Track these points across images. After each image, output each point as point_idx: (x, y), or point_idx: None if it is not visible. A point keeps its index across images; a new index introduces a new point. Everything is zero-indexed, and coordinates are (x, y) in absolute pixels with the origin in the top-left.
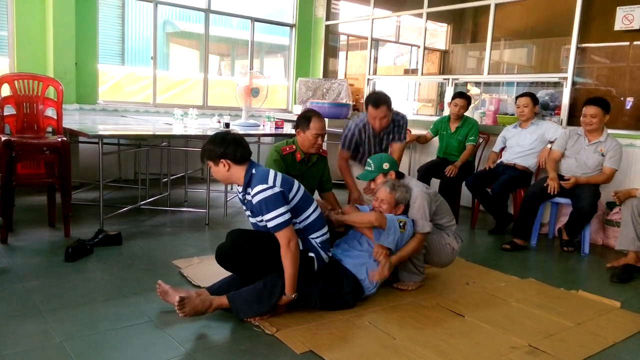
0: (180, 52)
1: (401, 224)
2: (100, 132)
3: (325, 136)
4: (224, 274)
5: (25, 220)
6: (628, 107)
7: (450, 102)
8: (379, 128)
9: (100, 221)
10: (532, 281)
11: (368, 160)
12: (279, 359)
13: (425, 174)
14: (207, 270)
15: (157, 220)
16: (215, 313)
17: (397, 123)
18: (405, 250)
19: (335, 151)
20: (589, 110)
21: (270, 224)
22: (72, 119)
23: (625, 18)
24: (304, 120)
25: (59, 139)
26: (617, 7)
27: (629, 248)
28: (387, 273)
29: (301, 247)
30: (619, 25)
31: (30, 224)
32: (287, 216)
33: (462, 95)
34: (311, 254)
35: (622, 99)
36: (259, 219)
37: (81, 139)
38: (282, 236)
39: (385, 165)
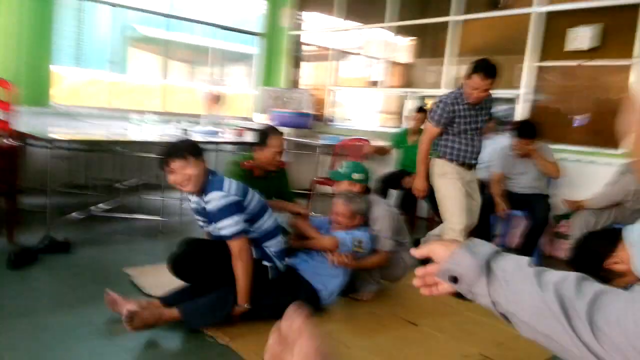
0: (141, 56)
1: (356, 243)
2: (51, 136)
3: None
4: (177, 282)
5: None
6: (577, 124)
7: (410, 116)
8: (476, 100)
9: (47, 228)
10: None
11: (345, 162)
12: None
13: (384, 185)
14: (160, 279)
15: (108, 228)
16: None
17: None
18: (365, 263)
19: (300, 160)
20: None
21: (223, 232)
22: (22, 121)
23: (575, 40)
24: (261, 137)
25: (7, 142)
26: (568, 29)
27: None
28: (346, 260)
29: (256, 256)
30: (570, 46)
31: None
32: (240, 225)
33: (420, 110)
34: (266, 263)
35: (569, 117)
36: (212, 227)
37: (31, 141)
38: (234, 245)
39: (355, 176)
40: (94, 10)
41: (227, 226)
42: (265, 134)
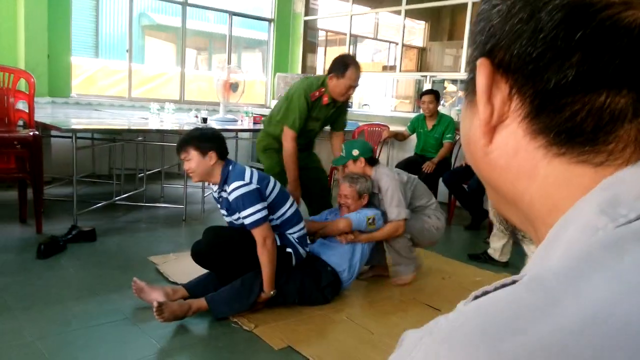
0: (156, 45)
1: (370, 220)
2: (74, 126)
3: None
4: (200, 270)
5: None
6: None
7: (419, 102)
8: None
9: (74, 217)
10: (507, 276)
11: (342, 145)
12: (257, 355)
13: (403, 170)
14: (184, 267)
15: (132, 216)
16: None
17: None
18: (376, 235)
19: (318, 147)
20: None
21: (247, 221)
22: (44, 113)
23: None
24: (340, 66)
25: (31, 133)
26: None
27: None
28: (354, 237)
29: (279, 243)
30: None
31: (1, 220)
32: (263, 213)
33: (427, 92)
34: (289, 250)
35: None
36: (235, 217)
37: (54, 133)
38: (258, 233)
39: (355, 152)
40: (110, 0)
41: (250, 215)
42: (346, 64)
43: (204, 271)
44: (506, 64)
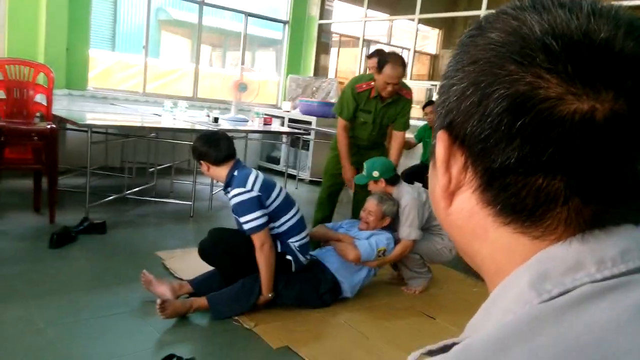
0: (172, 40)
1: (380, 253)
2: (89, 122)
3: (396, 84)
4: (206, 267)
5: (11, 203)
6: None
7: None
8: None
9: (86, 209)
10: None
11: (365, 162)
12: (255, 353)
13: (408, 178)
14: (190, 263)
15: (141, 210)
16: None
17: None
18: (387, 259)
19: (323, 150)
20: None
21: (245, 227)
22: (61, 105)
23: None
24: (381, 62)
25: (48, 126)
26: None
27: None
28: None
29: (279, 250)
30: None
31: (15, 208)
32: (261, 220)
33: (430, 103)
34: (289, 257)
35: None
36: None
37: (69, 126)
38: (256, 238)
39: (375, 173)
40: None
41: (248, 221)
42: (385, 61)
43: (209, 268)
44: (461, 139)
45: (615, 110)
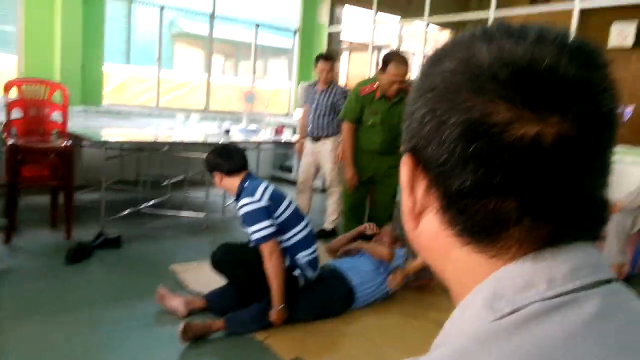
0: (185, 52)
1: (405, 255)
2: (104, 138)
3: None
4: (220, 280)
5: (29, 220)
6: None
7: None
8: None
9: (101, 224)
10: None
11: None
12: None
13: None
14: (203, 276)
15: (156, 224)
16: (209, 317)
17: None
18: (411, 267)
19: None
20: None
21: (252, 237)
22: (77, 121)
23: (619, 35)
24: (384, 61)
25: (64, 144)
26: (612, 25)
27: (613, 261)
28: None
29: (287, 264)
30: (613, 42)
31: (33, 225)
32: (270, 230)
33: None
34: (295, 273)
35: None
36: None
37: (85, 143)
38: (264, 248)
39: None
40: (141, 9)
41: (256, 231)
42: (388, 60)
43: (223, 281)
44: (423, 163)
45: (562, 133)
